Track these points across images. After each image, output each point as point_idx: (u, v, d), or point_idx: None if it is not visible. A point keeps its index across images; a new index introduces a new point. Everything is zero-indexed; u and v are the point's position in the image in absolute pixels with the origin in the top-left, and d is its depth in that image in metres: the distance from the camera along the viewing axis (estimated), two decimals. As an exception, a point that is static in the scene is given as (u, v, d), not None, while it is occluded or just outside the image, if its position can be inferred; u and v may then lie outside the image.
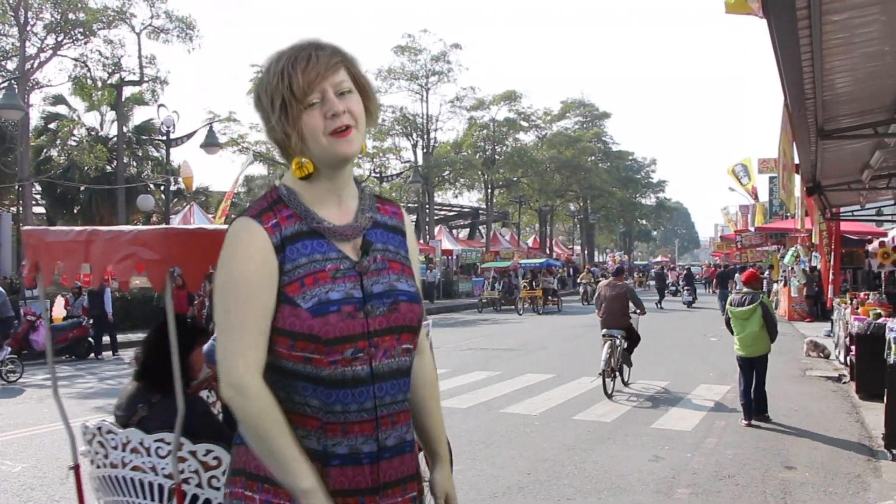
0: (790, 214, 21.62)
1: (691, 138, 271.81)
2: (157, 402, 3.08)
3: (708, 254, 78.02)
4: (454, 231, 46.77)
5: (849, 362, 10.03)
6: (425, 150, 35.86)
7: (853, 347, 9.26)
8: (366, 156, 32.02)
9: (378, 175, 32.62)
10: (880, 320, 8.57)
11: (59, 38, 21.25)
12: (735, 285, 23.38)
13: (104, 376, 11.90)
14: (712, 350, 14.03)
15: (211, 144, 19.39)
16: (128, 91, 24.10)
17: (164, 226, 3.93)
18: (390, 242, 1.69)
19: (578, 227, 58.78)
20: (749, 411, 7.72)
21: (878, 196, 14.29)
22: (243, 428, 1.56)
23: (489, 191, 39.95)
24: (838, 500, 5.28)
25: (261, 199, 1.64)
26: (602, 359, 9.20)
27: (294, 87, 1.53)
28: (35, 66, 21.20)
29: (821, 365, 11.95)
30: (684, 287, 30.28)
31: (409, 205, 36.14)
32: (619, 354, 9.56)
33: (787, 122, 6.70)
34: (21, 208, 21.08)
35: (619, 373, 9.71)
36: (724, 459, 6.31)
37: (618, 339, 9.51)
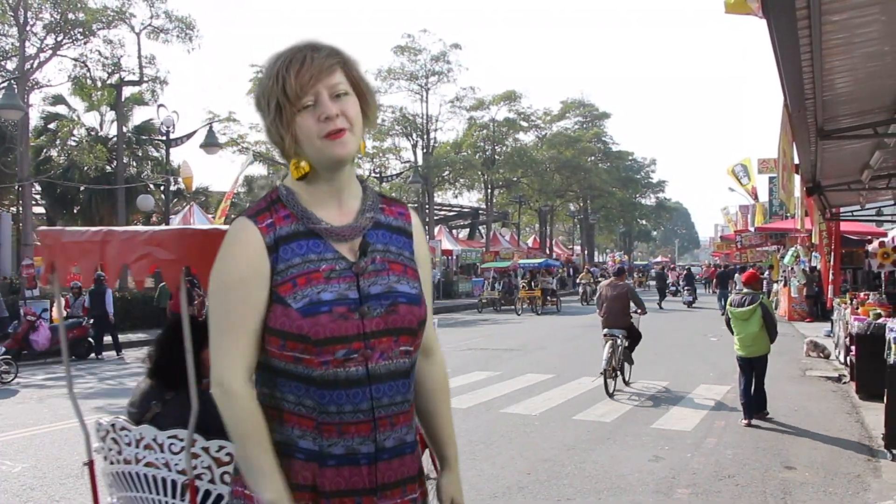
0: (790, 214, 21.63)
1: (691, 138, 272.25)
2: (171, 399, 3.13)
3: (708, 254, 78.00)
4: (454, 231, 46.75)
5: (849, 362, 10.04)
6: (425, 150, 35.84)
7: (853, 347, 9.26)
8: (366, 156, 32.01)
9: (378, 175, 32.61)
10: (880, 320, 8.58)
11: (59, 38, 21.21)
12: (735, 285, 23.40)
13: (104, 376, 11.89)
14: (712, 350, 14.04)
15: (211, 144, 19.41)
16: (127, 91, 24.06)
17: (179, 226, 3.96)
18: (392, 243, 1.66)
19: (578, 227, 58.76)
20: (749, 410, 7.74)
21: (878, 196, 14.30)
22: (226, 427, 1.57)
23: (489, 191, 39.92)
24: (838, 500, 5.28)
25: (261, 200, 1.65)
26: (603, 358, 9.28)
27: (287, 89, 1.52)
28: (35, 66, 21.16)
29: (821, 365, 11.95)
30: (684, 287, 30.26)
31: (409, 205, 35.81)
32: (620, 354, 9.62)
33: (786, 122, 6.70)
34: (21, 208, 21.07)
35: (620, 372, 9.78)
36: (724, 459, 6.32)
37: (619, 339, 9.59)
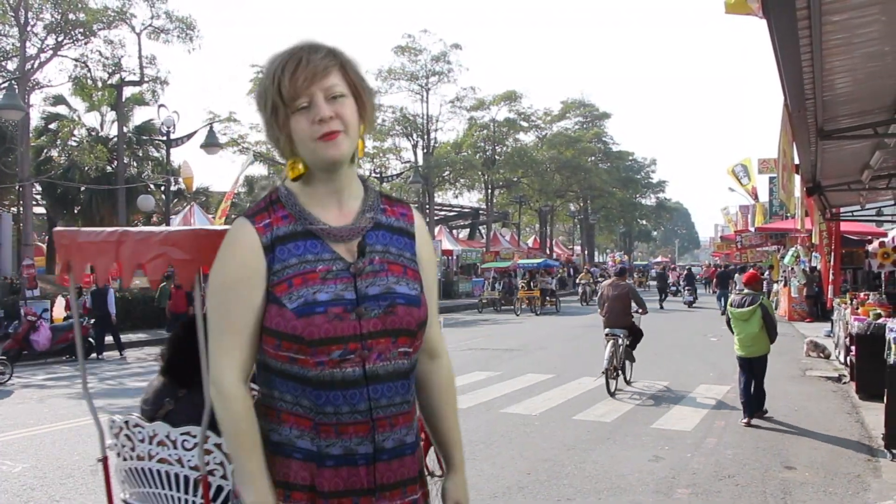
0: (790, 215, 21.63)
1: (691, 138, 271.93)
2: (183, 396, 3.19)
3: (708, 254, 77.99)
4: (454, 231, 46.74)
5: (849, 362, 10.04)
6: (425, 151, 35.83)
7: (853, 347, 9.26)
8: (365, 156, 31.99)
9: (378, 175, 32.60)
10: (880, 320, 8.58)
11: (60, 39, 21.22)
12: (735, 285, 23.41)
13: (104, 377, 11.88)
14: (712, 350, 14.04)
15: (211, 145, 19.40)
16: (128, 91, 24.07)
17: (194, 226, 4.02)
18: (393, 244, 1.65)
19: (578, 227, 58.77)
20: (749, 409, 7.76)
21: (878, 196, 14.30)
22: (219, 426, 1.59)
23: (489, 191, 39.91)
24: (838, 500, 5.28)
25: (261, 200, 1.65)
26: (605, 358, 9.36)
27: (282, 90, 1.52)
28: (35, 66, 21.17)
29: (821, 365, 11.95)
30: (685, 287, 30.35)
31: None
32: (621, 353, 9.71)
33: (787, 123, 6.71)
34: (21, 208, 21.07)
35: (621, 371, 9.86)
36: (724, 459, 6.32)
37: (620, 339, 9.67)
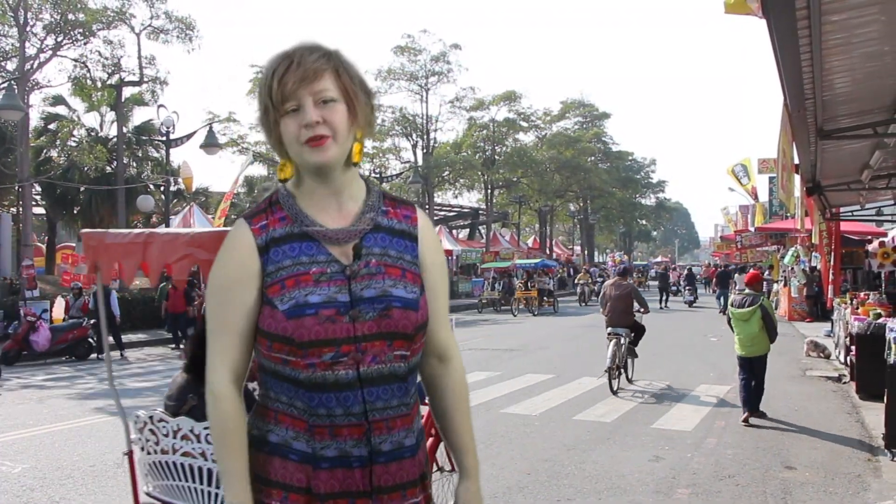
0: (790, 214, 21.65)
1: (691, 138, 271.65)
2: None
3: (708, 254, 77.98)
4: (454, 231, 46.70)
5: (849, 362, 10.04)
6: (425, 151, 35.83)
7: (853, 347, 9.27)
8: (364, 156, 31.94)
9: (378, 175, 32.61)
10: (880, 320, 8.58)
11: (59, 39, 21.21)
12: (734, 285, 23.44)
13: (104, 377, 11.84)
14: (712, 350, 14.05)
15: (211, 145, 19.39)
16: (127, 91, 24.04)
17: (219, 228, 4.13)
18: (392, 247, 1.63)
19: (578, 227, 58.77)
20: (748, 404, 7.79)
21: (878, 196, 14.31)
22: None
23: (489, 191, 39.91)
24: (838, 500, 5.28)
25: (263, 201, 1.66)
26: (608, 356, 9.45)
27: (272, 93, 1.52)
28: (35, 66, 21.16)
29: (821, 365, 11.96)
30: (685, 287, 30.60)
31: (411, 206, 36.05)
32: (624, 352, 9.79)
33: (786, 122, 6.71)
34: (21, 209, 21.08)
35: (624, 370, 9.94)
36: (724, 459, 6.32)
37: (622, 338, 9.74)
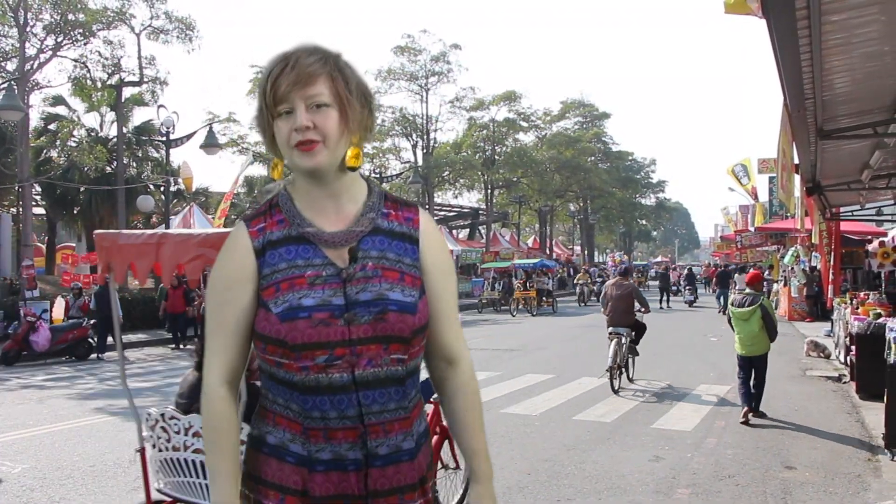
0: (790, 214, 21.64)
1: (691, 138, 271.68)
2: None
3: (708, 254, 77.98)
4: (454, 231, 46.69)
5: (849, 362, 10.04)
6: (425, 151, 35.84)
7: (853, 347, 9.26)
8: (364, 157, 31.95)
9: (378, 175, 32.61)
10: (880, 320, 8.58)
11: (59, 39, 21.20)
12: (734, 285, 23.45)
13: (104, 377, 11.88)
14: (712, 350, 14.05)
15: (210, 145, 19.39)
16: (127, 92, 24.04)
17: (230, 229, 4.18)
18: (391, 250, 1.61)
19: (578, 227, 58.76)
20: (748, 401, 7.81)
21: (878, 196, 14.32)
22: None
23: (489, 191, 39.92)
24: (838, 500, 5.28)
25: (264, 203, 1.66)
26: (609, 356, 9.50)
27: (266, 94, 1.53)
28: (35, 67, 21.15)
29: (821, 365, 11.95)
30: (686, 287, 30.71)
31: (412, 206, 36.07)
32: (625, 352, 9.83)
33: (786, 122, 6.71)
34: (21, 209, 21.07)
35: (625, 369, 9.99)
36: (724, 459, 6.32)
37: (624, 337, 9.78)
